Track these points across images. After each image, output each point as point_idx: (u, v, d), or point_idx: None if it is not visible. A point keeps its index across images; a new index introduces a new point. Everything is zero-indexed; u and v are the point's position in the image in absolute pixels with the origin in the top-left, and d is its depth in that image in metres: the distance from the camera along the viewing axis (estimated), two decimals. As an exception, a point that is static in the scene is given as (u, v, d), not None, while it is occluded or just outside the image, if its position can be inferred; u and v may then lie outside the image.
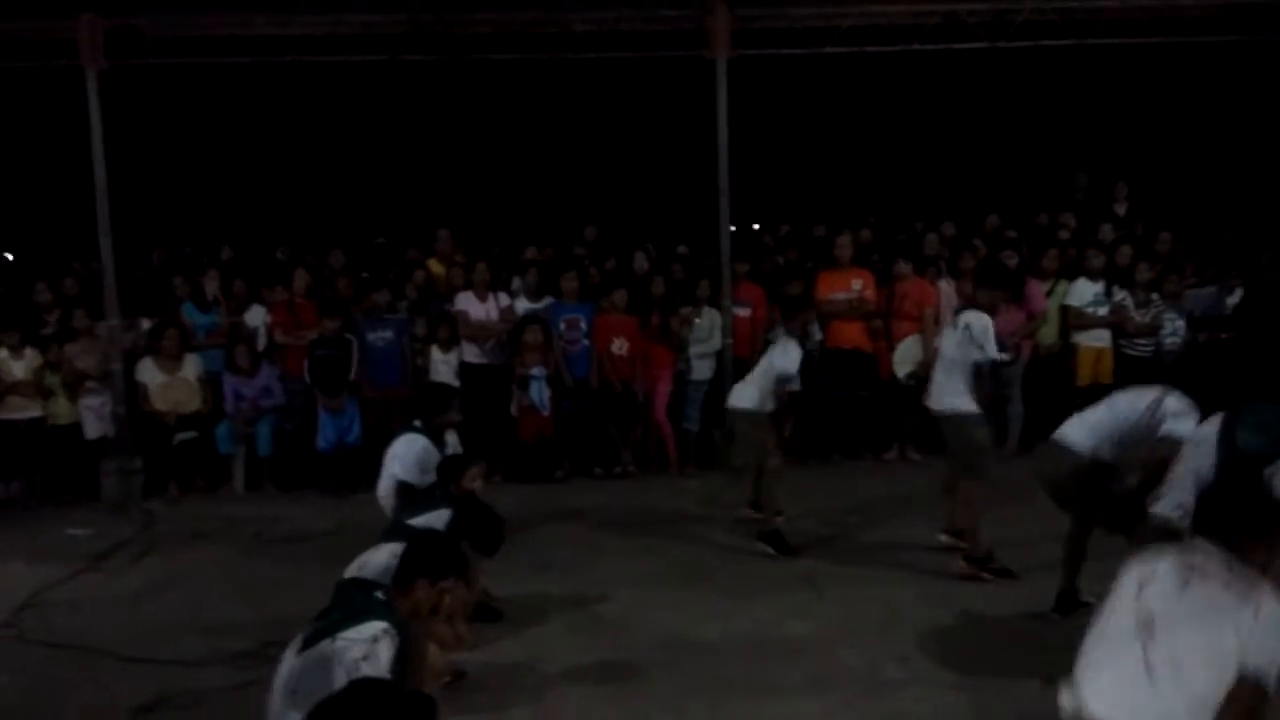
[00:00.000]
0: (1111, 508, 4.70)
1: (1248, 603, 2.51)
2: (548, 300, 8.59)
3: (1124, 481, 4.71)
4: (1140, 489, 4.59)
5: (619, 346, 8.33)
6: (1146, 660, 2.53)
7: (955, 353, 5.70)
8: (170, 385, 8.14)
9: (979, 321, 5.58)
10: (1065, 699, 2.68)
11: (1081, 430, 4.83)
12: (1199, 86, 11.99)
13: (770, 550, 6.18)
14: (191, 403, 8.18)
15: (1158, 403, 4.64)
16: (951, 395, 5.71)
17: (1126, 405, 4.79)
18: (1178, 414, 4.55)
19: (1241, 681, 2.47)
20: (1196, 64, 10.73)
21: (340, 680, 2.99)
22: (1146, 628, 2.55)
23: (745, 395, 6.49)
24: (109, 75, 8.23)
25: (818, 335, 8.47)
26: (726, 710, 4.19)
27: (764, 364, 6.51)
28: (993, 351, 5.57)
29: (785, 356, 6.35)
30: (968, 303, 5.95)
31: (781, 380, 6.31)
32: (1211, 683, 2.47)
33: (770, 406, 6.37)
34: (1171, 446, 4.42)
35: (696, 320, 8.46)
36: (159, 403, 8.10)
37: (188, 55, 8.46)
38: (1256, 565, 2.66)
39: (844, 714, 4.12)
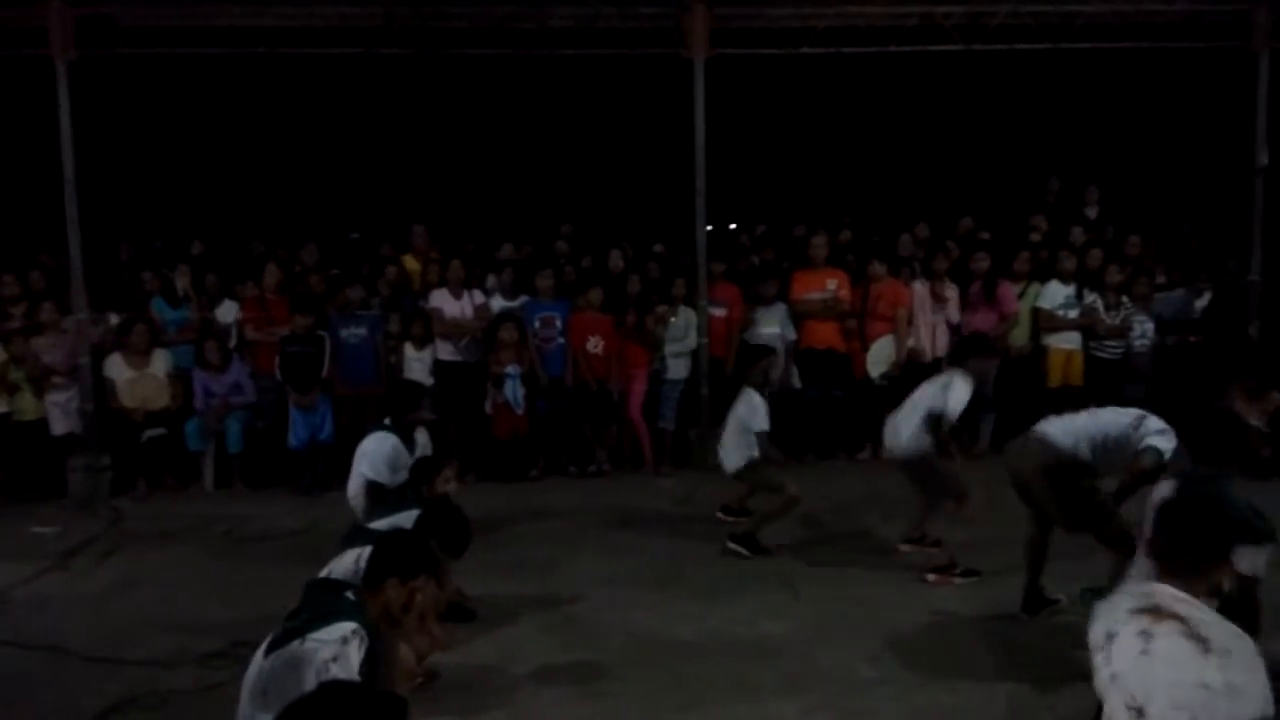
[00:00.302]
0: (1074, 507, 4.77)
1: (1210, 653, 2.42)
2: (523, 298, 8.57)
3: (1096, 483, 4.77)
4: (1119, 494, 4.72)
5: (594, 345, 8.32)
6: None
7: (925, 402, 5.77)
8: (139, 381, 8.04)
9: (961, 388, 5.66)
10: None
11: (1062, 429, 4.89)
12: (1169, 92, 12.14)
13: (743, 551, 6.18)
14: (160, 399, 8.08)
15: (1141, 419, 4.77)
16: (908, 439, 5.77)
17: (1111, 415, 4.91)
18: (1161, 431, 4.67)
19: None
20: (1167, 70, 10.85)
21: (310, 681, 2.96)
22: (1139, 713, 2.46)
23: (729, 457, 6.41)
24: (78, 65, 8.10)
25: (792, 335, 8.51)
26: (700, 710, 4.19)
27: (732, 420, 6.44)
28: (953, 411, 5.63)
29: (750, 411, 6.33)
30: (954, 369, 5.95)
31: (748, 431, 6.30)
32: None
33: (753, 456, 6.32)
34: (1153, 458, 4.55)
35: (672, 319, 8.47)
36: (127, 399, 7.99)
37: (159, 46, 8.34)
38: (1207, 590, 2.65)
39: (818, 713, 4.14)
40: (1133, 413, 4.86)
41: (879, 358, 8.50)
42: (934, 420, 5.66)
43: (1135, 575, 3.64)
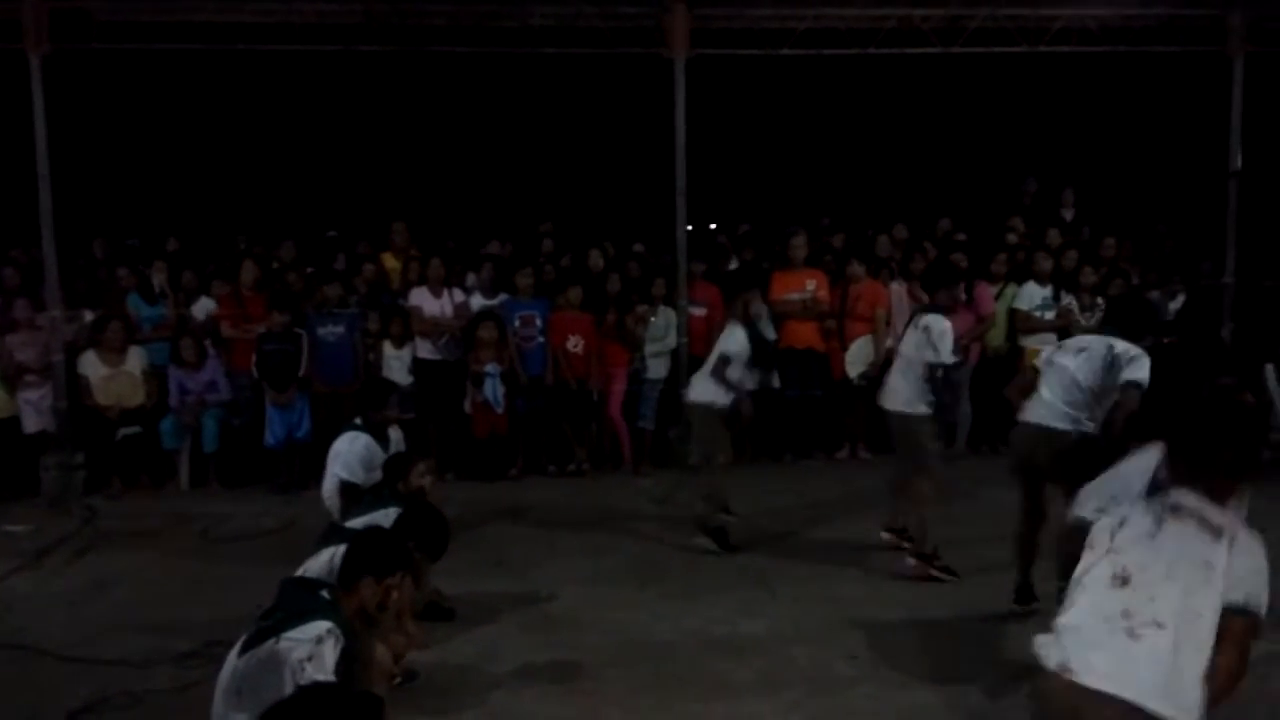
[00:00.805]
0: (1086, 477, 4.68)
1: (1221, 538, 2.47)
2: (503, 297, 8.55)
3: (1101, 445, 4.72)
4: (1111, 439, 4.61)
5: (574, 344, 8.32)
6: (1128, 618, 2.45)
7: (913, 353, 5.76)
8: (113, 378, 7.96)
9: (938, 324, 5.66)
10: (1046, 651, 2.56)
11: (1055, 411, 4.83)
12: (1145, 96, 12.27)
13: (712, 545, 6.21)
14: (135, 397, 8.00)
15: (1110, 358, 4.70)
16: (905, 396, 5.78)
17: (1085, 366, 4.79)
18: (1132, 357, 4.65)
19: (1232, 617, 2.43)
20: (1143, 74, 10.97)
21: (285, 680, 2.96)
22: (1123, 581, 2.50)
23: (699, 388, 6.48)
24: (53, 59, 8.00)
25: (771, 335, 8.53)
26: (678, 709, 4.20)
27: (713, 354, 6.47)
28: (946, 355, 5.64)
29: (729, 339, 6.35)
30: (923, 305, 6.00)
31: (723, 360, 6.28)
32: (1196, 631, 2.42)
33: (723, 401, 6.35)
34: (1135, 394, 4.54)
35: (652, 319, 8.47)
36: (101, 396, 7.91)
37: (135, 41, 8.26)
38: (1231, 507, 2.64)
39: (794, 712, 4.15)
40: (1098, 354, 4.77)
41: (857, 358, 8.53)
42: (931, 371, 5.66)
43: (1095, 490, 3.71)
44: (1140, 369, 4.62)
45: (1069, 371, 4.83)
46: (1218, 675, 2.43)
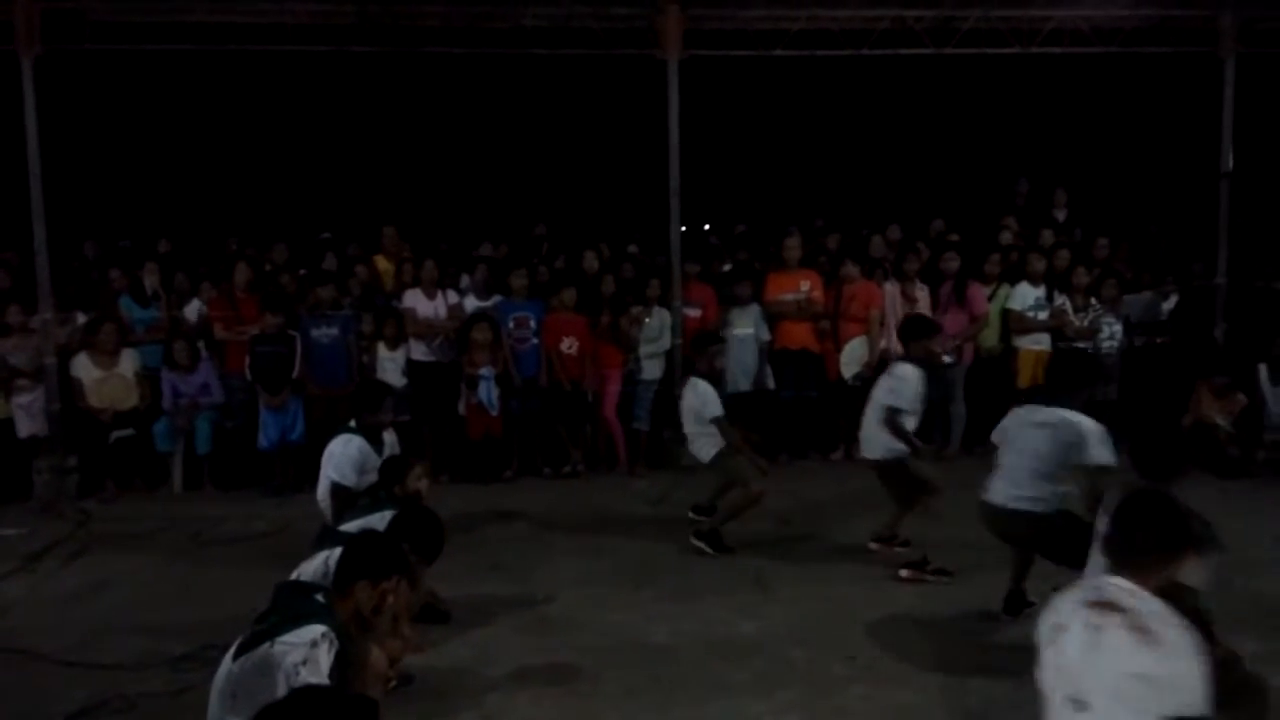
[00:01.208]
0: (1066, 549, 4.54)
1: (1151, 646, 2.48)
2: (496, 298, 8.54)
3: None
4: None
5: (568, 345, 8.31)
6: None
7: (882, 398, 5.87)
8: (106, 381, 7.93)
9: (901, 370, 5.85)
10: None
11: (1025, 495, 4.74)
12: (1137, 97, 12.31)
13: (707, 549, 6.21)
14: (128, 399, 7.97)
15: (1074, 440, 4.62)
16: (883, 443, 5.86)
17: (1046, 445, 4.71)
18: (1100, 442, 4.58)
19: None
20: (1135, 75, 11.01)
21: (279, 684, 2.95)
22: (1082, 706, 2.53)
23: (700, 449, 6.42)
24: (45, 60, 7.97)
25: (766, 336, 8.53)
26: (675, 710, 4.19)
27: (686, 413, 6.48)
28: (903, 402, 5.74)
29: (697, 397, 6.37)
30: (900, 356, 6.12)
31: (703, 421, 6.31)
32: None
33: (722, 446, 6.32)
34: (1099, 475, 4.48)
35: (646, 320, 8.46)
36: (94, 399, 7.88)
37: (128, 41, 8.23)
38: (1158, 585, 2.66)
39: (791, 712, 4.15)
40: (1062, 430, 4.68)
41: (852, 358, 8.55)
42: (890, 414, 5.75)
43: (1090, 572, 3.66)
44: (1107, 451, 4.57)
45: (1030, 445, 4.76)
46: None
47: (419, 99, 13.21)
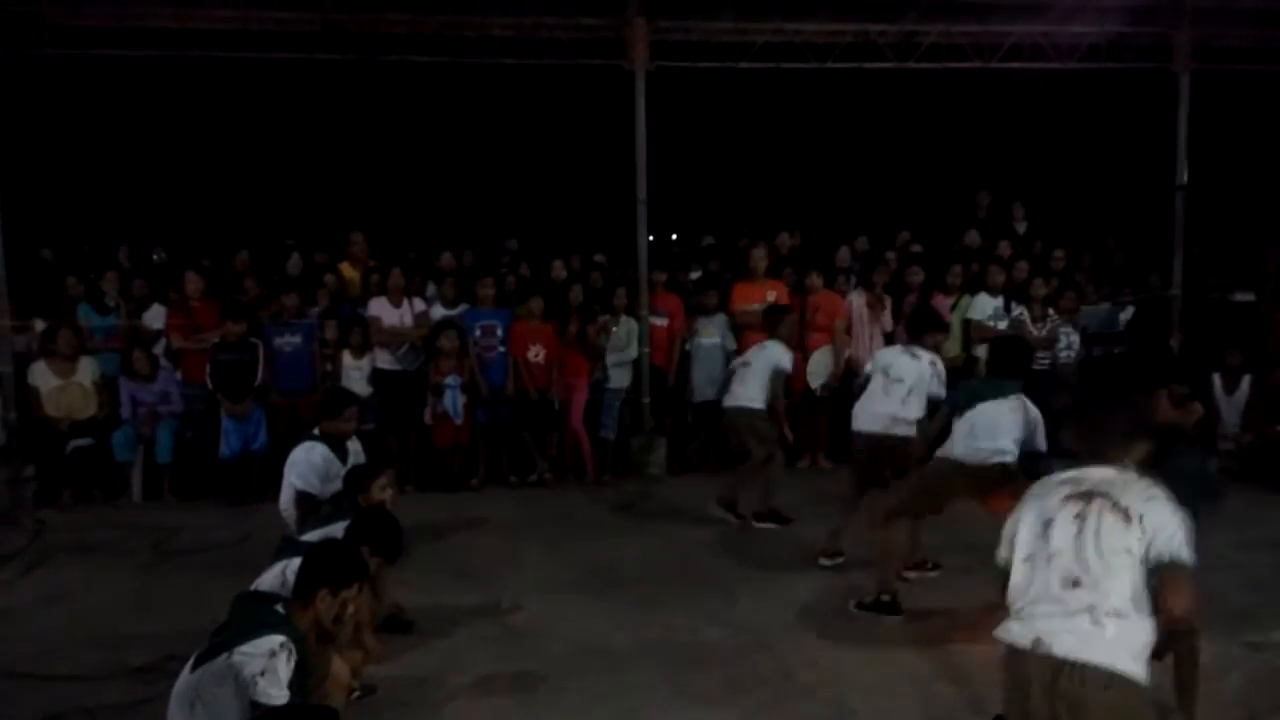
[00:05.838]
0: None
1: (1132, 522, 2.80)
2: (463, 307, 8.51)
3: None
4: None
5: (536, 354, 8.30)
6: (1084, 604, 2.79)
7: (926, 387, 5.99)
8: (64, 390, 7.80)
9: (940, 365, 6.15)
10: (1017, 634, 2.89)
11: (1003, 443, 5.13)
12: (1095, 111, 12.54)
13: (773, 526, 6.89)
14: (87, 408, 7.85)
15: (1026, 412, 5.24)
16: (914, 423, 5.98)
17: (1008, 416, 5.20)
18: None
19: (1164, 571, 2.75)
20: (1093, 90, 11.21)
21: (238, 695, 2.96)
22: (1074, 583, 2.82)
23: (752, 396, 6.96)
24: (3, 63, 7.86)
25: (732, 345, 8.57)
26: (640, 717, 4.21)
27: (757, 364, 7.02)
28: (941, 391, 5.99)
29: (783, 352, 7.05)
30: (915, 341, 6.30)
31: (779, 375, 6.99)
32: (1139, 599, 2.77)
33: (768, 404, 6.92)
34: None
35: (614, 329, 8.48)
36: (52, 408, 7.75)
37: (88, 46, 8.13)
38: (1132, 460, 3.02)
39: (757, 718, 4.18)
40: (1021, 413, 5.17)
41: (818, 368, 8.61)
42: (934, 407, 5.86)
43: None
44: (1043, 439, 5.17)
45: (991, 415, 5.14)
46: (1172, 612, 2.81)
47: (386, 107, 13.14)
